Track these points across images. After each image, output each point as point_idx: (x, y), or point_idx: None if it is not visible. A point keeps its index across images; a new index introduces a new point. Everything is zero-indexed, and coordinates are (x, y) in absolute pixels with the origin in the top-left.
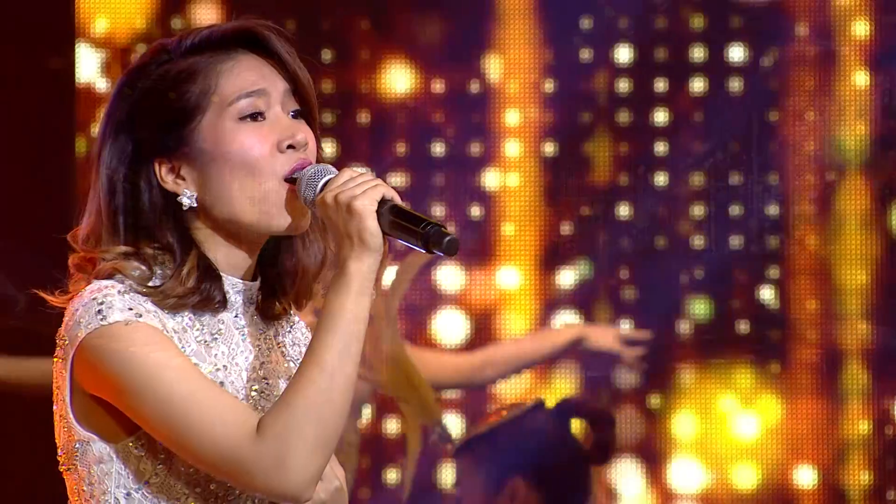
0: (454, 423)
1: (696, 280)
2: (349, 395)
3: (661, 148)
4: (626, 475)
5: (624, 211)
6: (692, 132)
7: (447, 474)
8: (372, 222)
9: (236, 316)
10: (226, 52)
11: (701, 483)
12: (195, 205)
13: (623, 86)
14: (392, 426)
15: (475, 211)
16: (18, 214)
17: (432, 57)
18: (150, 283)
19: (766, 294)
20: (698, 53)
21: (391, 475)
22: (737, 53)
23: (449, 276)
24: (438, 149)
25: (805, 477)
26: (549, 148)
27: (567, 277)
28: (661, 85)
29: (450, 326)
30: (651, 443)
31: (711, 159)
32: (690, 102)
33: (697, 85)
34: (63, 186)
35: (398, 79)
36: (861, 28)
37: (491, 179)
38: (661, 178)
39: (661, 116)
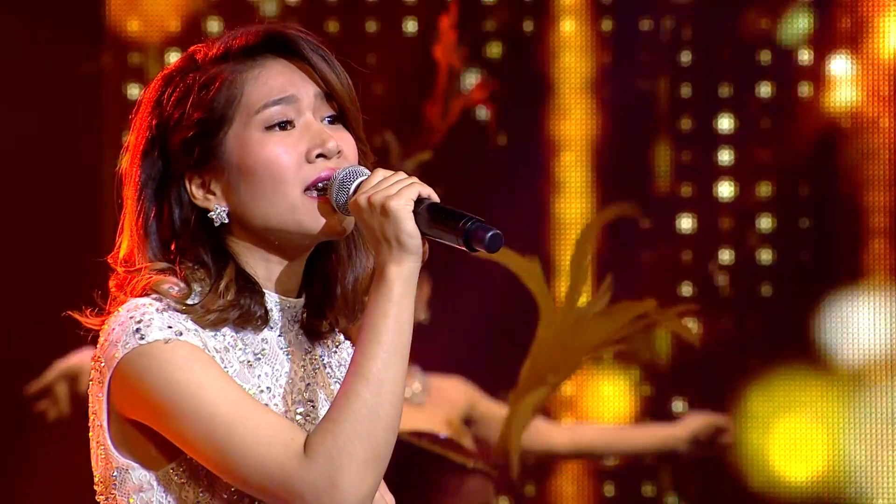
0: None
1: (763, 296)
2: (398, 407)
3: (725, 156)
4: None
5: (686, 224)
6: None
7: None
8: (409, 223)
9: (280, 335)
10: (253, 59)
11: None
12: (227, 220)
13: (685, 90)
14: None
15: (531, 225)
16: (46, 221)
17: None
18: (189, 301)
19: (839, 312)
20: (764, 57)
21: None
22: (805, 57)
23: None
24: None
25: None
26: (606, 155)
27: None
28: (725, 90)
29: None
30: (720, 469)
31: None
32: (757, 108)
33: (764, 90)
34: (92, 193)
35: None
36: None
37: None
38: (725, 189)
39: (725, 123)
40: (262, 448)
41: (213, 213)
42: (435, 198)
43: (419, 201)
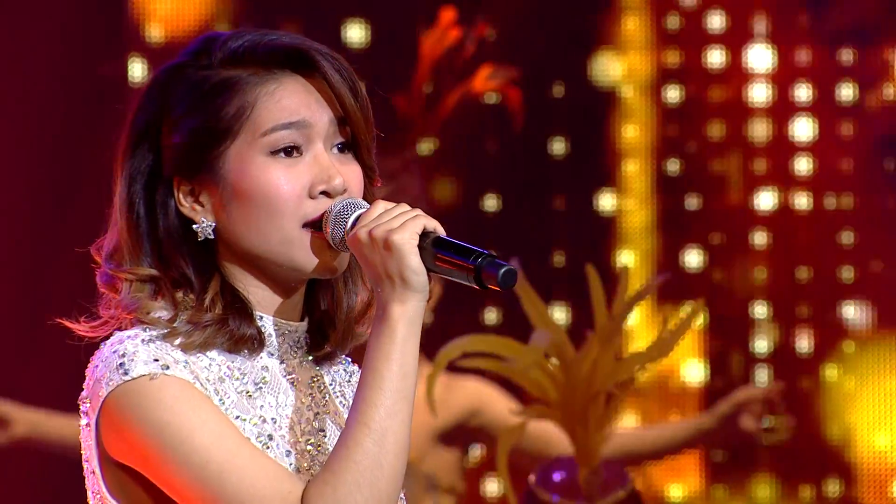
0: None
1: (845, 317)
2: (403, 457)
3: (803, 165)
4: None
5: (760, 239)
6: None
7: None
8: (414, 259)
9: (282, 362)
10: (270, 71)
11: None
12: (211, 236)
13: (758, 93)
14: (492, 487)
15: (588, 238)
16: (65, 223)
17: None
18: (176, 323)
19: None
20: (846, 56)
21: None
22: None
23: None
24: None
25: None
26: (673, 166)
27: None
28: (802, 93)
29: None
30: None
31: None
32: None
33: (845, 92)
34: (110, 196)
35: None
36: None
37: (606, 201)
38: (802, 200)
39: (803, 129)
40: (256, 501)
41: (197, 226)
42: (441, 231)
43: (424, 235)
